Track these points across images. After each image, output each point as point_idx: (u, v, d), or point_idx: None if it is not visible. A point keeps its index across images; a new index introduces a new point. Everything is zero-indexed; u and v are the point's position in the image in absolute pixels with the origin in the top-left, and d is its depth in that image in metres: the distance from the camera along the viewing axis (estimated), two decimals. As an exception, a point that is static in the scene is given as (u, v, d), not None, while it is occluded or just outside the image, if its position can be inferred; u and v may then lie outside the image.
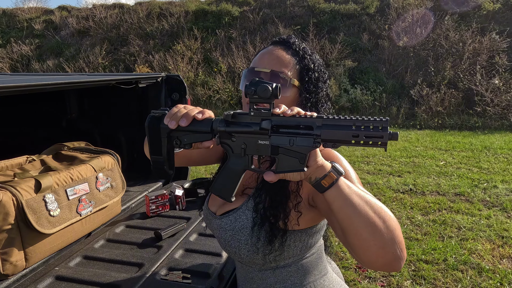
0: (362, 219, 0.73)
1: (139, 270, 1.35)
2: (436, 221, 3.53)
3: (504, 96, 8.78)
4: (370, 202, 0.75)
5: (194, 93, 10.15)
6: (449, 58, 9.92)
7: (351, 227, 0.74)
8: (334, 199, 0.75)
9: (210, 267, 1.37)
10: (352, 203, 0.74)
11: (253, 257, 0.97)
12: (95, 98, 2.49)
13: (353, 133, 0.70)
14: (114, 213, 1.71)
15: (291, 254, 0.98)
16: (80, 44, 13.82)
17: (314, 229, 0.99)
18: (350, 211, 0.74)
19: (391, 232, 0.73)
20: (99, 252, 1.46)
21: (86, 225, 1.51)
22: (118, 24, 13.89)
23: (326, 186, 0.74)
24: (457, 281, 2.63)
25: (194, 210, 1.95)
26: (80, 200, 1.46)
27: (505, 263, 2.85)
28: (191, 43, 11.84)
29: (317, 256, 1.05)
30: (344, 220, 0.75)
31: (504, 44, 9.73)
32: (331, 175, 0.74)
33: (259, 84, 0.72)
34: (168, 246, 1.53)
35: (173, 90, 2.23)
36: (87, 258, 1.42)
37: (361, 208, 0.74)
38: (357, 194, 0.76)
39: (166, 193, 1.93)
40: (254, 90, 0.72)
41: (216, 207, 1.08)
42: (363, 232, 0.73)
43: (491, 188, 4.35)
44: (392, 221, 0.74)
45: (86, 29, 14.22)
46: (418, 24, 10.61)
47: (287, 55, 1.00)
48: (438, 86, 9.31)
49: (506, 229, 3.35)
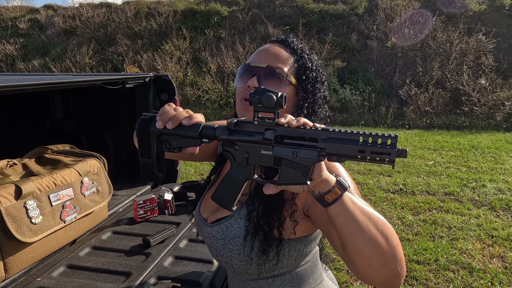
0: (365, 237, 0.70)
1: (126, 279, 1.29)
2: (427, 221, 3.55)
3: (490, 96, 8.93)
4: (374, 218, 0.72)
5: (183, 93, 10.08)
6: (436, 58, 10.03)
7: (353, 244, 0.71)
8: (337, 215, 0.71)
9: (201, 275, 1.33)
10: (355, 219, 0.71)
11: (246, 267, 0.93)
12: (81, 99, 2.41)
13: (359, 148, 0.67)
14: (100, 219, 1.64)
15: (286, 263, 0.94)
16: (67, 43, 13.61)
17: (310, 238, 0.95)
18: (353, 228, 0.71)
19: (393, 249, 0.71)
20: (84, 260, 1.40)
21: (70, 232, 1.44)
22: (106, 24, 13.70)
23: (329, 201, 0.71)
24: (448, 281, 2.64)
25: (184, 215, 1.89)
26: (64, 206, 1.39)
27: (495, 263, 2.87)
28: (179, 43, 11.77)
29: (312, 264, 1.01)
30: (346, 236, 0.72)
31: (490, 44, 9.88)
32: (335, 190, 0.71)
33: (264, 93, 0.70)
34: (157, 253, 1.47)
35: (161, 90, 2.17)
36: (71, 267, 1.36)
37: (364, 225, 0.71)
38: (361, 209, 0.72)
39: (155, 197, 1.87)
40: (259, 98, 0.71)
41: (208, 213, 1.03)
42: (365, 250, 0.70)
43: (480, 187, 4.40)
44: (394, 237, 0.72)
45: (72, 29, 14.01)
46: (406, 25, 10.71)
47: (285, 52, 0.97)
48: (426, 86, 9.40)
49: (495, 228, 3.38)
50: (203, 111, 9.38)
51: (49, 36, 14.12)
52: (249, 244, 0.90)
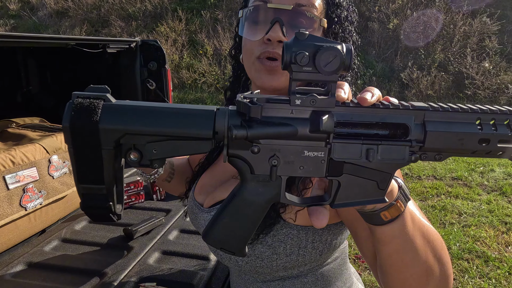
0: (420, 268, 0.50)
1: (99, 281, 1.06)
2: (436, 206, 3.39)
3: (494, 79, 8.76)
4: (433, 241, 0.51)
5: (179, 76, 9.89)
6: (439, 40, 9.80)
7: (401, 275, 0.51)
8: (391, 238, 0.49)
9: (195, 276, 1.08)
10: (414, 246, 0.49)
11: (255, 264, 0.70)
12: (59, 70, 2.14)
13: (482, 136, 0.42)
14: (73, 206, 1.41)
15: (308, 259, 0.71)
16: (59, 25, 13.33)
17: (340, 226, 0.72)
18: (409, 257, 0.49)
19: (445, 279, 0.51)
20: (49, 257, 1.16)
21: (35, 222, 1.21)
22: (99, 5, 13.42)
23: (386, 220, 0.47)
24: (463, 271, 2.48)
25: (175, 201, 1.66)
26: (26, 189, 1.15)
27: (511, 251, 2.71)
28: (175, 24, 11.51)
29: (341, 262, 0.79)
30: (394, 266, 0.50)
31: (494, 27, 9.65)
32: (398, 205, 0.47)
33: (318, 46, 0.40)
34: (140, 247, 1.23)
35: (150, 58, 1.87)
36: (31, 265, 1.12)
37: (422, 254, 0.50)
38: (421, 229, 0.50)
39: (141, 180, 1.64)
40: (309, 56, 0.40)
41: (204, 196, 0.82)
42: (414, 283, 0.51)
43: (488, 172, 4.23)
44: (449, 265, 0.52)
45: (65, 10, 13.74)
46: (408, 6, 10.42)
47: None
48: (429, 69, 9.21)
49: (508, 215, 3.23)
50: (199, 94, 9.19)
51: (41, 18, 13.80)
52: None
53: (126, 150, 0.44)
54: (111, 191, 0.45)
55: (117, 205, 0.47)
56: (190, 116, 0.43)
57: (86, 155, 0.43)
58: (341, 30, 0.71)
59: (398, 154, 0.43)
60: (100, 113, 0.42)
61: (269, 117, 0.43)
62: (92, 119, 0.41)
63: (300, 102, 0.42)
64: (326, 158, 0.44)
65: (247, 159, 0.44)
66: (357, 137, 0.44)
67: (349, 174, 0.44)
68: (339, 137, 0.44)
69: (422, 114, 0.44)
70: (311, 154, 0.44)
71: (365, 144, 0.43)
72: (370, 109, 0.43)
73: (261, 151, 0.44)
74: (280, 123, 0.42)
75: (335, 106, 0.43)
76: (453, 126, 0.43)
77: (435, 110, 0.44)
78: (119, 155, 0.44)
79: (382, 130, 0.45)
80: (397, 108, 0.44)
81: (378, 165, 0.44)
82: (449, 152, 0.44)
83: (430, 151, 0.44)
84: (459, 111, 0.44)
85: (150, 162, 0.44)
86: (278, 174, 0.45)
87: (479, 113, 0.44)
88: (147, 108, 0.43)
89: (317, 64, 0.40)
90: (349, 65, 0.41)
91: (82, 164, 0.44)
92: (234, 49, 0.86)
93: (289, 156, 0.44)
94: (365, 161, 0.44)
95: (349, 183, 0.44)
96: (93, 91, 0.44)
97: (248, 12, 0.70)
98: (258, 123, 0.42)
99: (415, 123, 0.44)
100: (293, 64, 0.40)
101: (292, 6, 0.65)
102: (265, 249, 0.69)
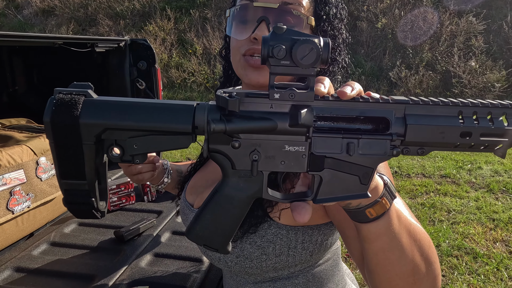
0: (406, 268, 0.49)
1: (91, 285, 1.03)
2: (425, 204, 3.43)
3: (480, 78, 8.90)
4: (420, 240, 0.51)
5: (168, 76, 9.83)
6: (427, 40, 9.93)
7: (386, 274, 0.50)
8: (377, 236, 0.48)
9: (188, 278, 1.07)
10: (400, 244, 0.49)
11: (244, 264, 0.69)
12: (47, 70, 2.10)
13: (463, 129, 0.42)
14: (62, 209, 1.38)
15: (298, 259, 0.71)
16: (45, 24, 13.16)
17: (332, 226, 0.72)
18: (395, 256, 0.49)
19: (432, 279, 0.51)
20: (38, 261, 1.13)
21: (23, 225, 1.18)
22: (86, 3, 13.27)
23: (371, 217, 0.47)
24: (452, 267, 2.51)
25: (167, 202, 1.64)
26: (13, 192, 1.12)
27: (499, 247, 2.76)
28: (164, 23, 11.44)
29: (333, 263, 0.78)
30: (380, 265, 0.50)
31: (480, 26, 9.80)
32: (383, 202, 0.47)
33: (294, 39, 0.40)
34: (132, 250, 1.21)
35: (139, 57, 1.84)
36: (20, 270, 1.09)
37: (408, 252, 0.49)
38: (407, 227, 0.50)
39: (131, 181, 1.62)
40: (285, 50, 0.40)
41: (194, 197, 0.81)
42: (400, 282, 0.50)
43: (476, 169, 4.30)
44: (437, 264, 0.52)
45: (51, 8, 13.56)
46: (396, 6, 10.52)
47: None
48: (417, 68, 9.32)
49: (495, 211, 3.28)
50: (189, 94, 9.15)
51: (26, 16, 13.59)
52: None
53: (107, 145, 0.44)
54: (93, 187, 0.45)
55: (101, 202, 0.47)
56: (170, 111, 0.42)
57: (67, 150, 0.43)
58: (330, 27, 0.71)
59: (379, 148, 0.43)
60: (81, 108, 0.42)
61: (249, 112, 0.42)
62: (73, 114, 0.41)
63: (279, 96, 0.42)
64: (307, 153, 0.44)
65: (228, 154, 0.44)
66: (338, 132, 0.44)
67: (330, 168, 0.44)
68: (320, 131, 0.44)
69: (402, 107, 0.43)
70: (291, 149, 0.44)
71: (345, 138, 0.43)
72: (349, 103, 0.43)
73: (241, 146, 0.44)
74: (260, 117, 0.42)
75: (314, 100, 0.43)
76: (434, 120, 0.43)
77: (416, 104, 0.44)
78: (100, 151, 0.44)
79: (364, 125, 0.45)
80: (377, 102, 0.43)
81: (359, 159, 0.44)
82: (431, 145, 0.44)
83: (412, 145, 0.44)
84: (440, 104, 0.43)
85: (132, 157, 0.44)
86: (259, 169, 0.45)
87: (461, 106, 0.43)
88: (128, 103, 0.43)
89: (294, 58, 0.40)
90: (327, 58, 0.40)
91: (63, 159, 0.44)
92: (224, 49, 0.86)
93: (270, 151, 0.44)
94: (346, 155, 0.43)
95: (331, 178, 0.44)
96: (76, 88, 0.44)
97: (235, 11, 0.69)
98: (237, 117, 0.42)
99: (396, 116, 0.43)
100: (270, 58, 0.40)
101: (278, 4, 0.65)
102: (254, 249, 0.68)
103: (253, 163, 0.44)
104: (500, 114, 0.43)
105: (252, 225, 0.67)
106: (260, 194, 0.46)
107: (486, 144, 0.43)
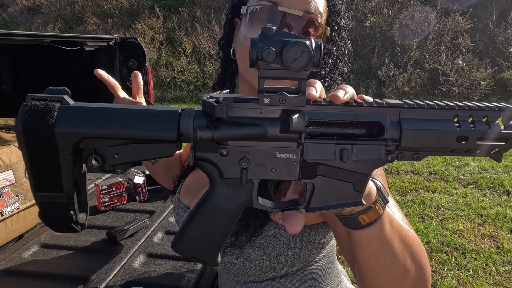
0: (397, 273, 0.50)
1: (84, 287, 1.03)
2: (415, 201, 3.48)
3: (467, 76, 9.05)
4: (411, 244, 0.52)
5: (157, 75, 9.76)
6: (415, 38, 10.04)
7: (377, 279, 0.51)
8: (369, 242, 0.48)
9: (182, 278, 1.07)
10: (392, 250, 0.49)
11: (243, 266, 0.69)
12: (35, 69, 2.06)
13: (459, 133, 0.41)
14: (53, 209, 1.36)
15: (297, 259, 0.71)
16: (31, 22, 12.97)
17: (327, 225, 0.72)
18: (387, 262, 0.49)
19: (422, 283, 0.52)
20: (28, 263, 1.12)
21: (12, 227, 1.16)
22: (73, 1, 13.11)
23: (364, 224, 0.47)
24: (442, 263, 2.55)
25: (159, 202, 1.63)
26: (1, 194, 1.10)
27: (487, 242, 2.81)
28: (152, 22, 11.35)
29: (329, 260, 0.79)
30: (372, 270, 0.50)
31: (467, 25, 9.95)
32: (376, 208, 0.47)
33: (288, 42, 0.38)
34: (125, 251, 1.21)
35: (129, 56, 1.82)
36: (9, 273, 1.07)
37: (400, 258, 0.50)
38: (399, 232, 0.51)
39: (123, 181, 1.61)
40: (276, 52, 0.38)
41: (190, 198, 0.80)
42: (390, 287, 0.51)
43: (464, 166, 4.37)
44: (427, 268, 0.53)
45: (37, 6, 13.36)
46: (384, 5, 10.61)
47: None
48: (405, 67, 9.42)
49: (483, 207, 3.34)
50: (178, 93, 9.10)
51: (11, 15, 13.38)
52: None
53: (86, 155, 0.41)
54: (71, 199, 0.42)
55: (80, 214, 0.44)
56: (153, 118, 0.40)
57: (42, 161, 0.39)
58: (339, 38, 0.71)
59: (374, 154, 0.42)
60: (56, 115, 0.39)
61: (237, 118, 0.40)
62: (47, 122, 0.38)
63: (269, 101, 0.40)
64: (299, 160, 0.42)
65: (215, 162, 0.42)
66: (331, 137, 0.42)
67: (323, 176, 0.43)
68: (312, 137, 0.42)
69: (397, 112, 0.42)
70: (283, 156, 0.42)
71: (338, 144, 0.42)
72: (342, 107, 0.41)
73: (230, 153, 0.41)
74: (249, 123, 0.40)
75: (306, 104, 0.41)
76: (429, 124, 0.42)
77: (411, 108, 0.42)
78: (79, 161, 0.41)
79: (357, 130, 0.43)
80: (371, 106, 0.42)
81: (353, 166, 0.42)
82: (427, 150, 0.43)
83: (407, 150, 0.43)
84: (436, 108, 0.42)
85: (113, 167, 0.41)
86: (249, 177, 0.43)
87: (457, 109, 0.42)
88: (107, 109, 0.40)
89: (285, 60, 0.38)
90: (319, 61, 0.39)
91: (38, 171, 0.40)
92: (223, 40, 0.81)
93: (260, 158, 0.42)
94: (339, 162, 0.42)
95: (324, 185, 0.43)
96: (51, 93, 0.41)
97: (255, 10, 0.67)
98: (225, 124, 0.40)
99: (390, 121, 0.42)
100: (259, 61, 0.38)
101: (302, 12, 0.64)
102: (253, 250, 0.68)
103: (243, 171, 0.42)
104: (496, 117, 0.42)
105: (257, 228, 0.66)
106: (250, 204, 0.44)
107: (482, 148, 0.43)
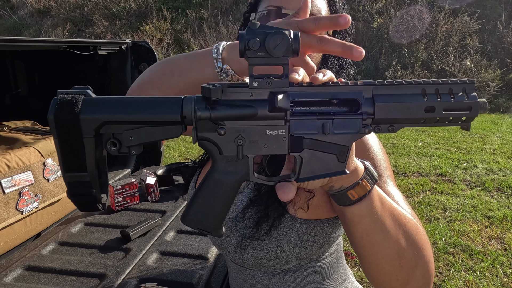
0: (391, 250, 0.53)
1: (100, 283, 1.07)
2: (422, 202, 3.47)
3: (475, 77, 8.97)
4: (405, 224, 0.54)
5: (165, 76, 9.83)
6: (422, 39, 9.99)
7: (372, 257, 0.54)
8: (360, 218, 0.52)
9: (194, 275, 1.10)
10: (384, 227, 0.53)
11: (259, 256, 0.73)
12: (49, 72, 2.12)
13: (427, 105, 0.46)
14: (69, 209, 1.41)
15: (310, 252, 0.74)
16: (41, 24, 13.11)
17: (339, 221, 0.76)
18: (379, 238, 0.53)
19: (423, 264, 0.54)
20: (47, 260, 1.16)
21: (31, 225, 1.21)
22: (82, 4, 13.22)
23: (353, 199, 0.51)
24: (449, 265, 2.55)
25: (170, 202, 1.67)
26: (21, 193, 1.15)
27: (494, 244, 2.80)
28: (160, 24, 11.42)
29: (337, 256, 0.82)
30: (366, 247, 0.54)
31: (475, 26, 9.88)
32: (363, 184, 0.51)
33: (268, 33, 0.44)
34: (138, 248, 1.25)
35: (141, 60, 1.88)
36: (30, 269, 1.12)
37: (392, 235, 0.53)
38: (391, 211, 0.54)
39: (135, 182, 1.65)
40: (259, 42, 0.44)
41: None
42: (387, 265, 0.54)
43: (471, 167, 4.34)
44: (426, 251, 0.55)
45: (46, 9, 13.50)
46: (392, 6, 10.58)
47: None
48: (412, 68, 9.37)
49: (491, 209, 3.33)
50: (186, 94, 9.17)
51: (21, 17, 13.53)
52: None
53: (106, 140, 0.48)
54: (94, 179, 0.49)
55: (102, 194, 0.50)
56: (160, 104, 0.47)
57: (69, 144, 0.47)
58: (341, 38, 0.74)
59: (352, 126, 0.48)
60: (81, 105, 0.46)
61: (232, 100, 0.47)
62: (73, 111, 0.46)
63: (257, 84, 0.46)
64: (287, 135, 0.48)
65: (215, 140, 0.49)
66: (313, 114, 0.48)
67: (309, 149, 0.49)
68: (297, 114, 0.48)
69: (370, 89, 0.48)
70: (273, 133, 0.48)
71: (320, 120, 0.48)
72: (321, 87, 0.48)
73: (227, 132, 0.48)
74: (242, 104, 0.47)
75: (290, 86, 0.47)
76: (400, 98, 0.47)
77: (382, 85, 0.48)
78: (99, 144, 0.48)
79: (338, 108, 0.49)
80: (346, 85, 0.48)
81: (334, 138, 0.48)
82: (400, 122, 0.48)
83: (382, 122, 0.48)
84: (404, 84, 0.48)
85: (128, 149, 0.48)
86: (245, 153, 0.49)
87: (423, 84, 0.47)
88: (123, 99, 0.48)
89: (267, 48, 0.44)
90: (297, 48, 0.45)
91: (66, 153, 0.47)
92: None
93: (253, 135, 0.48)
94: (322, 135, 0.48)
95: (311, 158, 0.49)
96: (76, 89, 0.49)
97: (262, 15, 0.71)
98: (221, 105, 0.47)
99: (365, 97, 0.48)
100: (247, 50, 0.45)
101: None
102: (270, 241, 0.71)
103: (238, 147, 0.49)
104: (459, 90, 0.47)
105: (275, 218, 0.70)
106: (247, 178, 0.50)
107: (450, 118, 0.48)
